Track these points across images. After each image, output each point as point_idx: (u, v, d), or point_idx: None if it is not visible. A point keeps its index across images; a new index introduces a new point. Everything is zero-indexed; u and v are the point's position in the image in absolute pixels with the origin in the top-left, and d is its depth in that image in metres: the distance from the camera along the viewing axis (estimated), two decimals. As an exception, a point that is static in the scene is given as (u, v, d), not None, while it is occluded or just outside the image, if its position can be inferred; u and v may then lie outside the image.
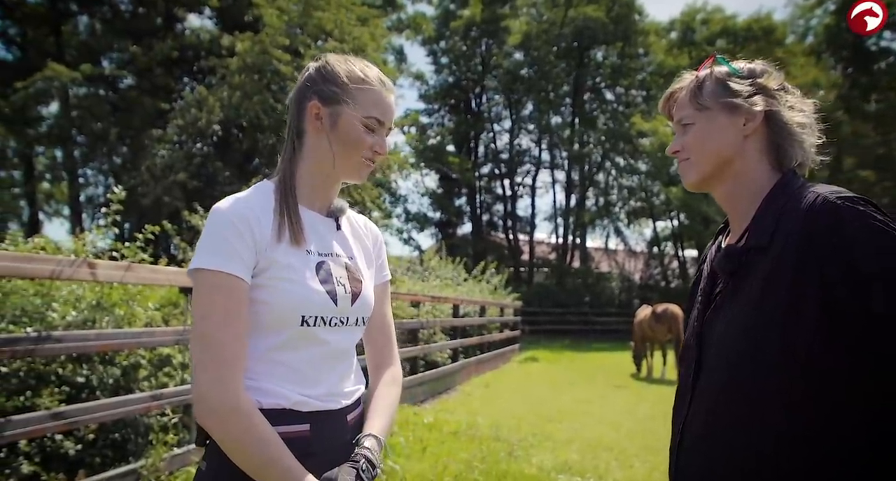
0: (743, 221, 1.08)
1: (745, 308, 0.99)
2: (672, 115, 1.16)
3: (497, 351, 11.91)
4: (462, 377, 9.18)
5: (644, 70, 26.66)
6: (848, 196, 0.93)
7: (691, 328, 1.13)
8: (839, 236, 0.90)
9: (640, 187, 26.05)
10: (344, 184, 1.25)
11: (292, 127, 1.18)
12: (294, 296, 1.07)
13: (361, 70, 1.17)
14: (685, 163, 1.12)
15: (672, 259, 26.60)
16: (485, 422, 5.82)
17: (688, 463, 1.06)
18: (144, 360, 3.69)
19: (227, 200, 1.10)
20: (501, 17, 26.63)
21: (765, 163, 1.08)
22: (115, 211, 3.55)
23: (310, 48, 16.80)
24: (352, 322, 1.16)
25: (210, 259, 1.04)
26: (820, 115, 1.10)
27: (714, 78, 1.09)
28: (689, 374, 1.09)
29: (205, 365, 1.00)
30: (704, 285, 1.13)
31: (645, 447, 5.19)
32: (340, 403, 1.14)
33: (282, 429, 1.04)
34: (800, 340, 0.92)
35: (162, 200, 13.77)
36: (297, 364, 1.09)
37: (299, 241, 1.10)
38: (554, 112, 27.15)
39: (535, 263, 27.30)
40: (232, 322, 1.02)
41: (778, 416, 0.93)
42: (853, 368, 0.91)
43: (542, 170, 28.11)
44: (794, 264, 0.93)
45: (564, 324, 21.00)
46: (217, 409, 0.98)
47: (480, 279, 12.99)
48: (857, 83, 24.96)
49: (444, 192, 27.61)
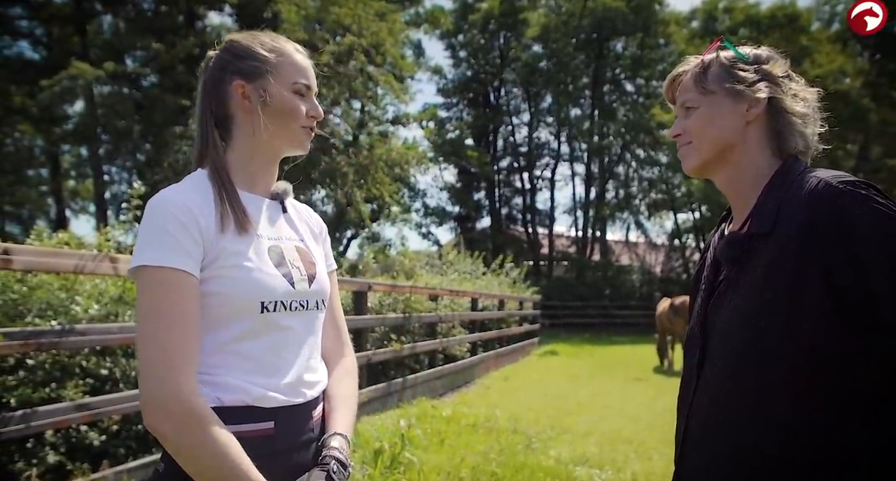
0: (745, 208, 1.07)
1: (748, 295, 0.98)
2: (675, 98, 1.15)
3: (516, 344, 11.90)
4: (481, 370, 9.20)
5: (664, 60, 26.24)
6: (850, 180, 0.92)
7: (695, 317, 1.13)
8: (841, 221, 0.89)
9: (661, 179, 25.74)
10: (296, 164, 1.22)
11: (210, 114, 1.12)
12: (250, 283, 1.02)
13: (272, 40, 1.14)
14: (686, 147, 1.11)
15: (693, 251, 26.24)
16: (503, 415, 5.82)
17: (693, 452, 1.05)
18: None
19: (165, 192, 1.04)
20: (520, 9, 26.45)
21: (766, 149, 1.06)
22: (136, 206, 3.62)
23: (328, 43, 16.87)
24: (311, 305, 1.12)
25: (152, 254, 0.97)
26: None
27: (720, 62, 1.08)
28: (694, 363, 1.08)
29: (152, 369, 0.93)
30: (708, 273, 1.12)
31: (663, 439, 5.15)
32: (305, 396, 1.09)
33: (245, 428, 0.99)
34: (804, 327, 0.91)
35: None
36: (259, 353, 1.04)
37: (246, 227, 1.06)
38: (573, 104, 26.94)
39: (555, 257, 27.16)
40: (179, 321, 0.95)
41: (783, 405, 0.93)
42: (858, 354, 0.90)
43: (562, 162, 27.97)
44: (797, 250, 0.92)
45: (584, 318, 20.87)
46: (168, 416, 0.91)
47: (499, 273, 12.97)
48: (885, 70, 24.31)
49: (463, 186, 27.58)
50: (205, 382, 1.00)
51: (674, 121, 1.16)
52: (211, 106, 1.13)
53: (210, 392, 1.00)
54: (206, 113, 1.13)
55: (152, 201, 1.04)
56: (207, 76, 1.15)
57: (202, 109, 1.14)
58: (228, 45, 1.15)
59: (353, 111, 19.61)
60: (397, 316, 6.47)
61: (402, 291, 6.82)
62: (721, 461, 0.99)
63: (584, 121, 26.43)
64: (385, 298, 6.88)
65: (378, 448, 3.81)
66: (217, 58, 1.15)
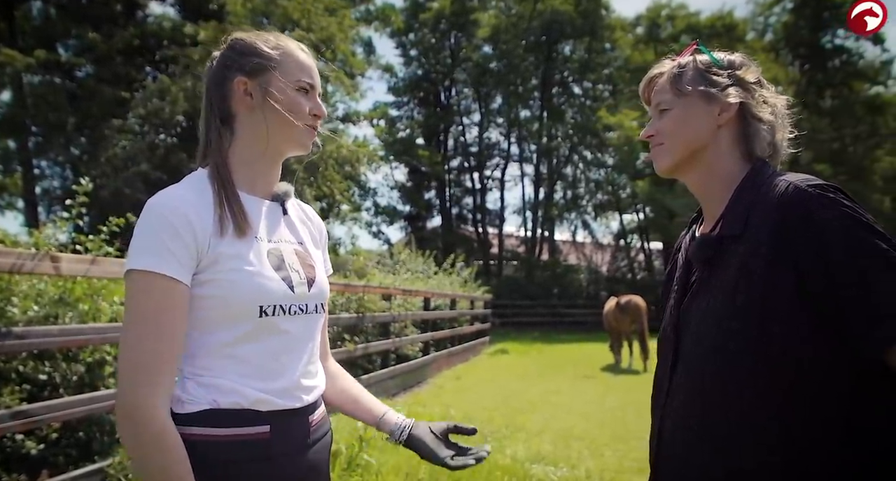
0: (715, 210, 1.09)
1: (720, 297, 0.99)
2: (650, 99, 1.16)
3: (467, 343, 11.96)
4: (433, 370, 9.20)
5: (611, 65, 26.96)
6: (818, 183, 0.95)
7: (668, 317, 1.13)
8: (811, 223, 0.91)
9: (608, 180, 26.41)
10: (294, 161, 1.20)
11: (215, 112, 1.11)
12: (249, 287, 1.01)
13: (276, 38, 1.13)
14: (659, 148, 1.12)
15: (638, 251, 27.07)
16: (458, 415, 5.83)
17: (668, 453, 1.06)
18: (110, 357, 3.58)
19: (162, 195, 1.02)
20: (470, 9, 26.58)
21: (736, 153, 1.09)
22: (81, 203, 3.42)
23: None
24: (311, 309, 1.11)
25: (140, 259, 0.96)
26: (791, 111, 1.12)
27: (695, 66, 1.10)
28: (667, 364, 1.09)
29: (125, 375, 0.95)
30: (680, 274, 1.14)
31: (614, 436, 5.28)
32: (302, 400, 1.09)
33: (240, 431, 1.00)
34: (775, 329, 0.92)
35: (123, 192, 13.39)
36: (257, 357, 1.04)
37: (245, 231, 1.04)
38: (523, 105, 27.28)
39: (505, 256, 27.46)
40: (162, 329, 0.96)
41: (754, 406, 0.94)
42: (828, 356, 0.91)
43: (512, 163, 28.28)
44: (768, 252, 0.94)
45: (533, 317, 21.18)
46: (127, 423, 0.94)
47: (451, 272, 13.00)
48: (814, 80, 25.74)
49: (414, 186, 27.53)
50: (201, 384, 1.01)
51: (620, 125, 1.17)
52: (214, 104, 1.11)
53: (206, 394, 1.00)
54: (209, 111, 1.12)
55: (149, 203, 1.01)
56: (211, 74, 1.13)
57: (206, 108, 1.12)
58: (232, 42, 1.13)
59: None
60: (350, 315, 6.39)
61: (355, 291, 6.74)
62: (695, 461, 1.00)
63: (534, 122, 26.83)
64: (338, 298, 6.78)
65: (335, 450, 3.74)
66: (221, 56, 1.13)
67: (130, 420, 0.94)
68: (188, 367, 1.03)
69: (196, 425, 0.99)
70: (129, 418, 0.94)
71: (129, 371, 0.95)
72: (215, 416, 1.00)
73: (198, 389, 1.01)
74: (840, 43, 26.61)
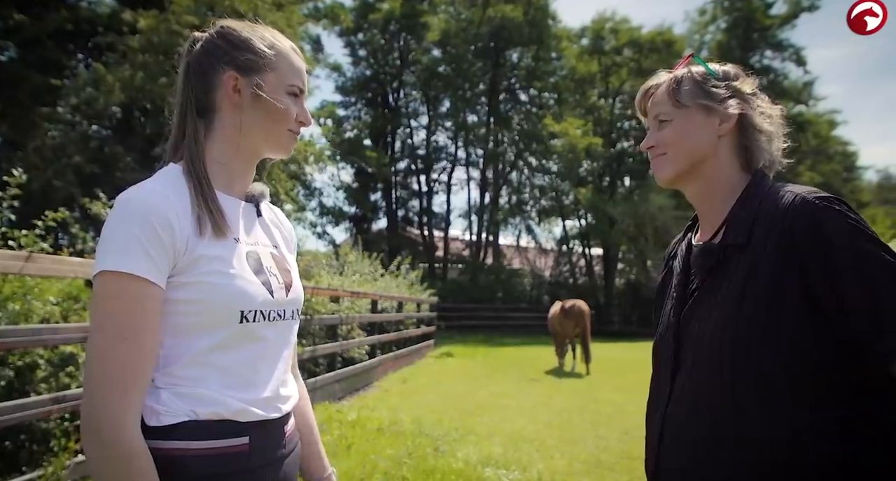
0: (714, 219, 1.10)
1: (726, 304, 1.00)
2: (646, 110, 1.17)
3: (413, 346, 11.90)
4: (379, 373, 9.10)
5: (556, 74, 27.53)
6: (824, 196, 0.97)
7: (665, 325, 1.14)
8: (819, 234, 0.93)
9: (551, 187, 26.93)
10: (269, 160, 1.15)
11: (193, 103, 1.03)
12: (230, 290, 0.96)
13: (271, 35, 1.07)
14: (661, 159, 1.13)
15: (580, 257, 27.70)
16: (407, 418, 5.78)
17: (670, 460, 1.06)
18: (42, 360, 3.35)
19: (138, 191, 0.94)
20: (420, 12, 26.57)
21: (735, 163, 1.11)
22: (13, 196, 3.19)
23: (221, 31, 16.00)
24: (288, 315, 1.07)
25: (113, 259, 0.89)
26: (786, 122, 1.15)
27: (692, 78, 1.11)
28: (667, 370, 1.09)
29: (93, 387, 0.87)
30: (678, 281, 1.14)
31: (563, 438, 5.36)
32: (280, 410, 1.04)
33: (220, 443, 0.95)
34: (782, 336, 0.94)
35: (53, 185, 12.63)
36: (236, 365, 0.98)
37: (224, 232, 0.99)
38: (470, 110, 27.47)
39: (450, 259, 27.53)
40: (133, 335, 0.88)
41: (760, 412, 0.95)
42: (834, 362, 0.93)
43: (458, 167, 28.42)
44: (775, 261, 0.96)
45: (477, 320, 21.31)
46: (95, 439, 0.86)
47: (398, 274, 12.93)
48: (744, 97, 27.11)
49: (360, 187, 27.21)
50: (178, 394, 0.93)
51: (564, 133, 1.17)
52: (194, 94, 1.03)
53: (184, 405, 0.93)
54: (187, 101, 1.03)
55: (122, 201, 0.93)
56: (194, 60, 1.04)
57: (183, 97, 1.04)
58: (223, 31, 1.05)
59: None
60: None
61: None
62: (699, 467, 1.00)
63: (481, 127, 27.05)
64: (285, 300, 6.60)
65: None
66: (208, 42, 1.05)
67: (97, 437, 0.86)
68: (162, 377, 0.95)
69: (174, 439, 0.92)
70: (96, 435, 0.86)
71: (99, 382, 0.87)
72: (194, 429, 0.93)
73: (174, 400, 0.94)
74: (768, 63, 28.24)
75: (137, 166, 14.28)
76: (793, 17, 29.99)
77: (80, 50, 18.91)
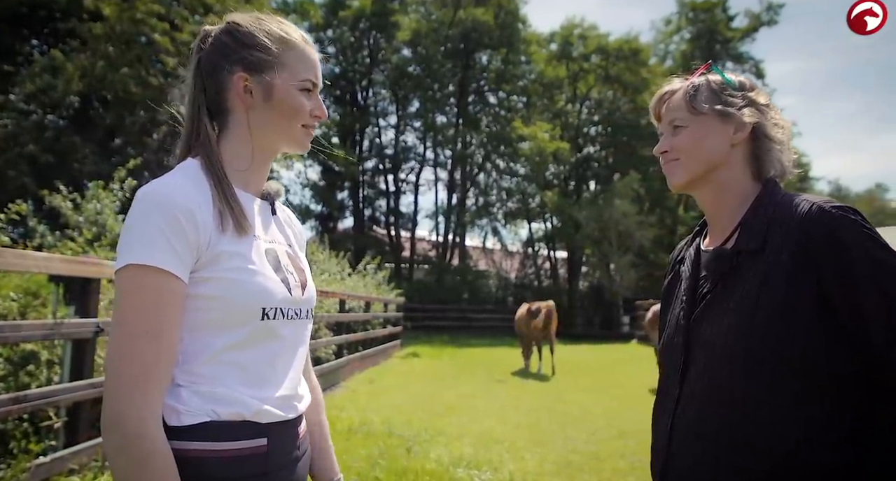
0: (725, 225, 1.12)
1: (740, 311, 1.01)
2: (661, 115, 1.18)
3: (380, 347, 11.82)
4: (346, 373, 9.01)
5: (525, 77, 27.78)
6: (840, 205, 0.99)
7: (675, 329, 1.14)
8: (835, 243, 0.95)
9: (518, 189, 27.15)
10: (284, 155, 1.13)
11: (205, 102, 1.02)
12: (253, 287, 0.95)
13: (280, 29, 1.05)
14: (674, 164, 1.14)
15: (545, 260, 28.01)
16: (377, 419, 5.74)
17: (678, 464, 1.07)
18: (1, 358, 3.21)
19: (159, 185, 0.93)
20: (391, 11, 26.46)
21: (747, 172, 1.12)
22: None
23: (187, 22, 15.62)
24: (303, 313, 1.06)
25: (139, 253, 0.87)
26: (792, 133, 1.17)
27: (709, 86, 1.13)
28: (676, 374, 1.10)
29: (114, 383, 0.85)
30: (688, 285, 1.15)
31: (532, 439, 5.40)
32: (297, 410, 1.03)
33: (239, 445, 0.93)
34: (795, 343, 0.95)
35: (6, 174, 12.12)
36: (255, 364, 0.96)
37: (245, 228, 0.98)
38: (439, 111, 27.48)
39: (416, 260, 27.48)
40: (158, 330, 0.87)
41: (772, 416, 0.96)
42: (848, 369, 0.95)
43: (426, 167, 28.38)
44: (791, 268, 0.97)
45: (443, 321, 21.34)
46: (115, 436, 0.84)
47: (365, 274, 12.84)
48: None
49: (327, 185, 26.94)
50: (198, 393, 0.91)
51: (532, 136, 1.17)
52: (205, 92, 1.02)
53: (203, 404, 0.91)
54: (198, 99, 1.02)
55: (145, 195, 0.91)
56: (204, 58, 1.02)
57: (194, 94, 1.02)
58: (231, 27, 1.03)
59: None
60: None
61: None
62: (708, 471, 1.01)
63: (450, 128, 27.09)
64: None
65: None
66: (217, 40, 1.03)
67: (117, 434, 0.84)
68: (182, 374, 0.92)
69: (194, 439, 0.90)
70: (116, 431, 0.84)
71: (120, 378, 0.85)
72: (214, 429, 0.91)
73: (194, 399, 0.91)
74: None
75: (96, 158, 13.83)
76: (752, 30, 31.08)
77: (35, 35, 18.18)
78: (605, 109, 28.25)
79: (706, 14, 30.82)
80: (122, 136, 15.19)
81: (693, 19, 31.25)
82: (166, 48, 14.15)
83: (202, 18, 16.50)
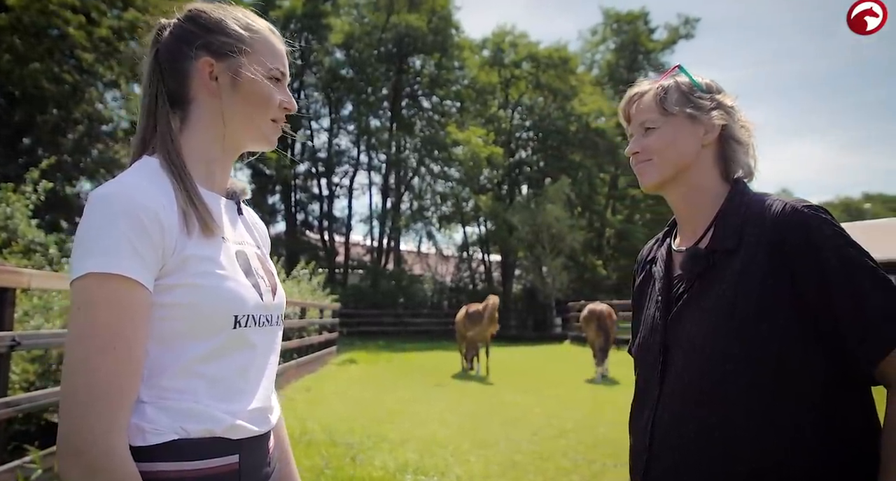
0: (697, 225, 1.14)
1: (717, 310, 1.02)
2: (631, 117, 1.19)
3: (316, 353, 11.56)
4: (282, 382, 8.74)
5: (458, 83, 28.02)
6: (812, 205, 1.02)
7: (650, 328, 1.15)
8: (808, 241, 0.98)
9: (452, 193, 27.32)
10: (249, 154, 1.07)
11: (163, 93, 0.95)
12: (225, 293, 0.88)
13: (245, 16, 1.00)
14: (646, 164, 1.15)
15: (479, 263, 28.28)
16: (317, 427, 5.59)
17: (659, 465, 1.07)
18: None
19: (119, 185, 0.85)
20: (323, 13, 26.06)
21: (715, 172, 1.15)
22: None
23: (105, 16, 14.79)
24: (274, 320, 1.00)
25: (100, 260, 0.79)
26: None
27: (678, 88, 1.14)
28: (654, 375, 1.10)
29: (79, 404, 0.77)
30: (662, 286, 1.15)
31: (476, 442, 5.41)
32: (269, 423, 0.97)
33: (209, 464, 0.86)
34: (774, 342, 0.97)
35: None
36: (227, 376, 0.90)
37: (213, 230, 0.91)
38: (373, 114, 27.28)
39: (351, 265, 27.13)
40: (123, 345, 0.79)
41: (752, 415, 0.98)
42: (825, 366, 0.97)
43: (360, 171, 28.06)
44: (766, 266, 0.99)
45: (379, 326, 21.16)
46: (79, 462, 0.76)
47: (300, 280, 12.53)
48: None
49: (258, 189, 26.16)
50: (164, 409, 0.83)
51: (466, 141, 1.17)
52: (165, 83, 0.94)
53: (171, 422, 0.83)
54: (156, 90, 0.94)
55: (102, 196, 0.82)
56: (163, 48, 0.95)
57: (153, 86, 0.94)
58: (193, 14, 0.96)
59: (135, 96, 17.46)
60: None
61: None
62: (689, 471, 1.02)
63: (384, 132, 26.94)
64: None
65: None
66: (177, 28, 0.96)
67: (81, 461, 0.76)
68: (147, 390, 0.84)
69: (161, 460, 0.82)
70: (81, 459, 0.76)
71: (82, 398, 0.77)
72: (183, 448, 0.84)
73: (161, 416, 0.84)
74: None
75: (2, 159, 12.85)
76: (672, 42, 32.76)
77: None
78: (536, 115, 28.88)
79: (629, 25, 32.19)
80: (31, 136, 14.19)
81: (617, 30, 32.56)
82: (81, 43, 13.34)
83: (121, 13, 15.69)
